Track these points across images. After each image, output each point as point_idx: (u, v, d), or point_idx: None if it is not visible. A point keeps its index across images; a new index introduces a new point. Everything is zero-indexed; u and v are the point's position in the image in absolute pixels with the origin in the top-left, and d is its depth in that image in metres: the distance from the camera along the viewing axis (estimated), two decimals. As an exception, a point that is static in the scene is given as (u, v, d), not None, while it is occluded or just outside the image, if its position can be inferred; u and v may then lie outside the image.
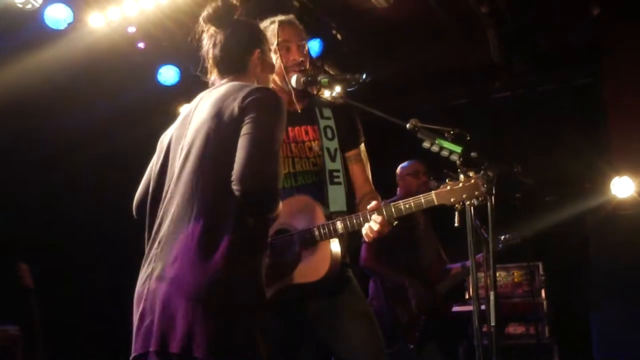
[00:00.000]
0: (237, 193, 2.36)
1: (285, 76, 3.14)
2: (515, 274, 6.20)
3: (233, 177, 2.37)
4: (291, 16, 3.29)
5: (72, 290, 5.68)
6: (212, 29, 2.77)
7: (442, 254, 5.58)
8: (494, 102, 7.47)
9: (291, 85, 3.13)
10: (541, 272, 6.08)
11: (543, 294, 6.07)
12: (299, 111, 3.20)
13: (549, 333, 5.99)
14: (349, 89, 3.27)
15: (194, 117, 2.64)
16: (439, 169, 2.95)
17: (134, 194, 2.85)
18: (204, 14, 2.76)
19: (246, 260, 2.41)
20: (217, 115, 2.53)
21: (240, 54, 2.74)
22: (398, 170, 5.62)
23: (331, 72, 6.43)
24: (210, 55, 2.76)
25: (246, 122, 2.45)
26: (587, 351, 5.54)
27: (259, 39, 2.82)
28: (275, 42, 3.11)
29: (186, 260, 2.38)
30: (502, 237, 5.32)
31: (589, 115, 6.88)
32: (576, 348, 6.09)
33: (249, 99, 2.50)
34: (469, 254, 2.75)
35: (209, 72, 2.81)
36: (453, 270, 5.48)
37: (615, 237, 5.40)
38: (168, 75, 6.23)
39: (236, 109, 2.49)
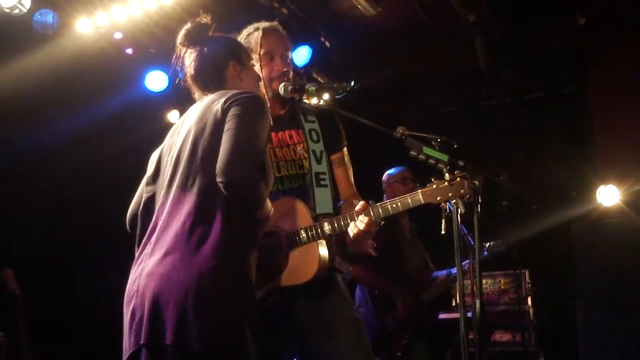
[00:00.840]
0: (220, 186, 2.41)
1: (269, 86, 3.15)
2: (501, 281, 6.21)
3: (217, 171, 2.42)
4: (275, 23, 3.30)
5: (58, 296, 5.65)
6: (189, 50, 2.83)
7: (429, 261, 5.59)
8: (481, 110, 7.50)
9: (278, 94, 3.14)
10: (527, 279, 6.09)
11: (529, 302, 6.08)
12: (283, 116, 3.22)
13: (535, 340, 6.00)
14: (337, 97, 3.29)
15: (182, 128, 2.70)
16: (425, 176, 2.96)
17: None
18: (179, 37, 2.83)
19: (235, 257, 2.45)
20: (202, 119, 2.60)
21: (215, 69, 2.80)
22: (384, 177, 5.61)
23: (320, 80, 6.44)
24: (188, 75, 2.82)
25: (228, 120, 2.52)
26: (573, 358, 5.55)
27: (235, 51, 2.86)
28: (259, 51, 3.13)
29: (176, 256, 2.42)
30: (487, 244, 5.34)
31: (575, 124, 6.92)
32: (562, 355, 6.11)
33: (231, 100, 2.58)
34: (455, 260, 2.77)
35: (192, 92, 2.86)
36: (439, 278, 5.50)
37: (600, 245, 5.41)
38: (156, 81, 6.22)
39: (220, 111, 2.56)
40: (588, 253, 5.42)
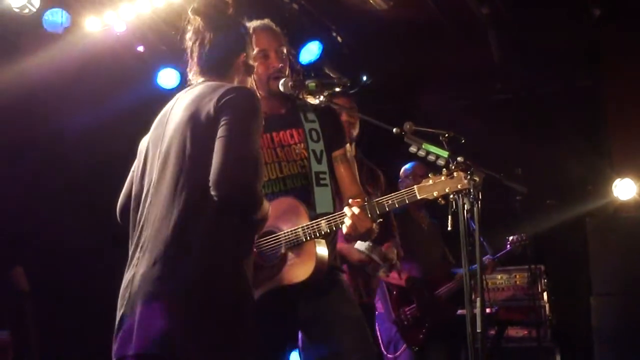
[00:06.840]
0: (215, 198, 2.36)
1: (266, 85, 3.13)
2: (517, 276, 6.18)
3: (210, 182, 2.36)
4: (266, 20, 3.27)
5: (68, 294, 5.66)
6: (200, 24, 2.68)
7: (449, 256, 5.53)
8: (495, 104, 7.46)
9: (277, 91, 3.12)
10: (543, 275, 6.05)
11: (545, 297, 6.04)
12: (283, 115, 3.20)
13: (551, 336, 5.96)
14: (349, 92, 3.26)
15: (170, 119, 2.62)
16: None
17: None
18: (194, 5, 2.68)
19: (226, 261, 2.41)
20: (194, 116, 2.51)
21: (227, 57, 2.69)
22: (401, 172, 5.56)
23: (332, 75, 6.41)
24: (196, 52, 2.69)
25: (222, 124, 2.44)
26: (588, 354, 5.51)
27: (246, 41, 2.76)
28: (253, 51, 3.10)
29: (166, 263, 2.38)
30: (510, 239, 5.30)
31: (590, 117, 6.87)
32: (578, 351, 6.07)
33: (224, 100, 2.48)
34: (462, 256, 2.75)
35: (189, 67, 2.75)
36: (458, 275, 5.45)
37: (616, 239, 5.37)
38: (167, 78, 6.22)
39: (212, 110, 2.47)
40: (604, 247, 5.38)
